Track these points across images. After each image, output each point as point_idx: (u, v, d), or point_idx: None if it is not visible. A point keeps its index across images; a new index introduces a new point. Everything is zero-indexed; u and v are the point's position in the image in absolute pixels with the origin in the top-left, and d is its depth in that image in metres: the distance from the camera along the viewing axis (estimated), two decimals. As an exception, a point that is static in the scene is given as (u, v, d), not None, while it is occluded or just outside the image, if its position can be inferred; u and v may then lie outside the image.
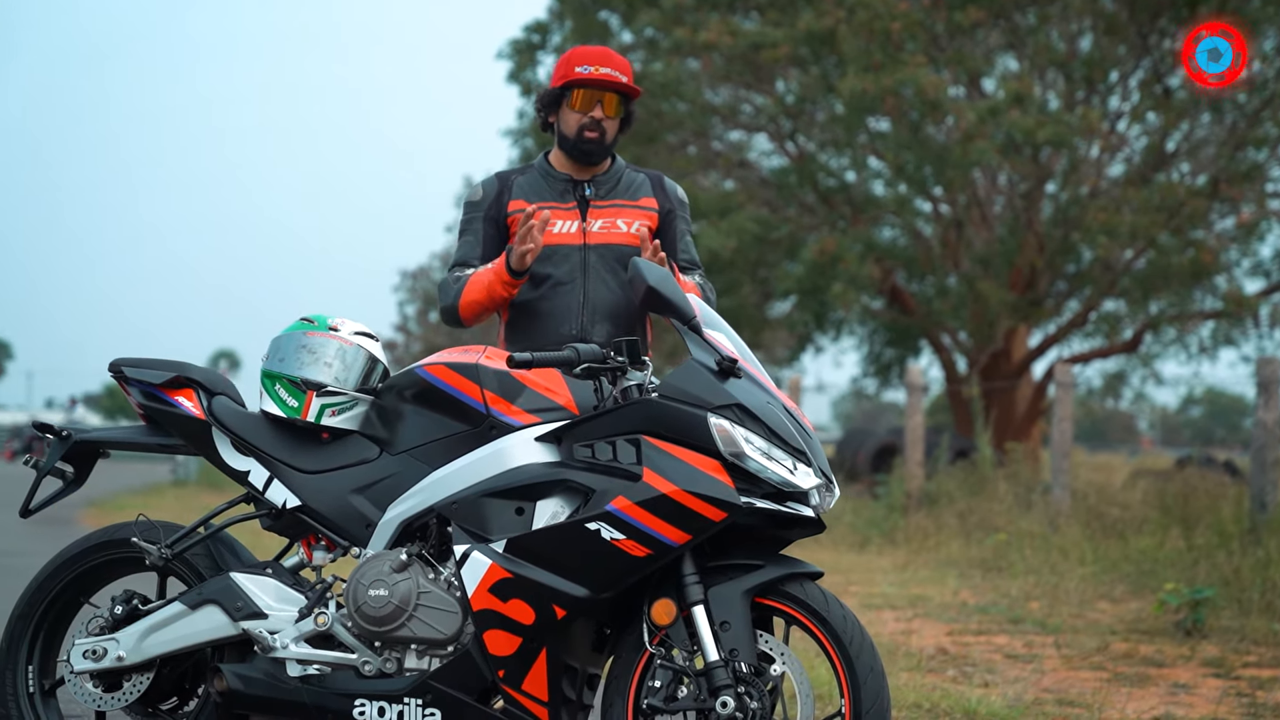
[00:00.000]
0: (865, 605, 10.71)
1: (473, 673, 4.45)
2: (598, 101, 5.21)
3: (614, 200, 5.30)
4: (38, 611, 4.91)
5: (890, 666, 7.87)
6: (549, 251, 5.18)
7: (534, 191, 5.28)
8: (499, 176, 5.36)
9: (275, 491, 4.76)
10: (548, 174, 5.31)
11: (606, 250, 5.22)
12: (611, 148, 5.29)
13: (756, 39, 21.07)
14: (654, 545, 4.31)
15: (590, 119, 5.20)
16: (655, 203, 5.35)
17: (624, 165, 5.41)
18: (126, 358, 4.92)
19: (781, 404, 4.51)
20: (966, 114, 19.77)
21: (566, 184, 5.29)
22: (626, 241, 5.24)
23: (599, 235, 5.24)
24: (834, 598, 4.42)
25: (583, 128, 5.21)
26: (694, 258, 5.44)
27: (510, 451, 4.51)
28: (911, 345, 25.13)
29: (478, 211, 5.31)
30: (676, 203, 5.40)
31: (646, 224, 5.29)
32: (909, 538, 14.72)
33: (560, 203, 5.26)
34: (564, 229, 5.22)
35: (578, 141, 5.24)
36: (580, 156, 5.26)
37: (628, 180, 5.36)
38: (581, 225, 5.24)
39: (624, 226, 5.26)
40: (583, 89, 5.21)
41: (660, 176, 5.45)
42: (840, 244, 20.23)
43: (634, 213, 5.29)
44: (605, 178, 5.32)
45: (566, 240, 5.21)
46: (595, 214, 5.26)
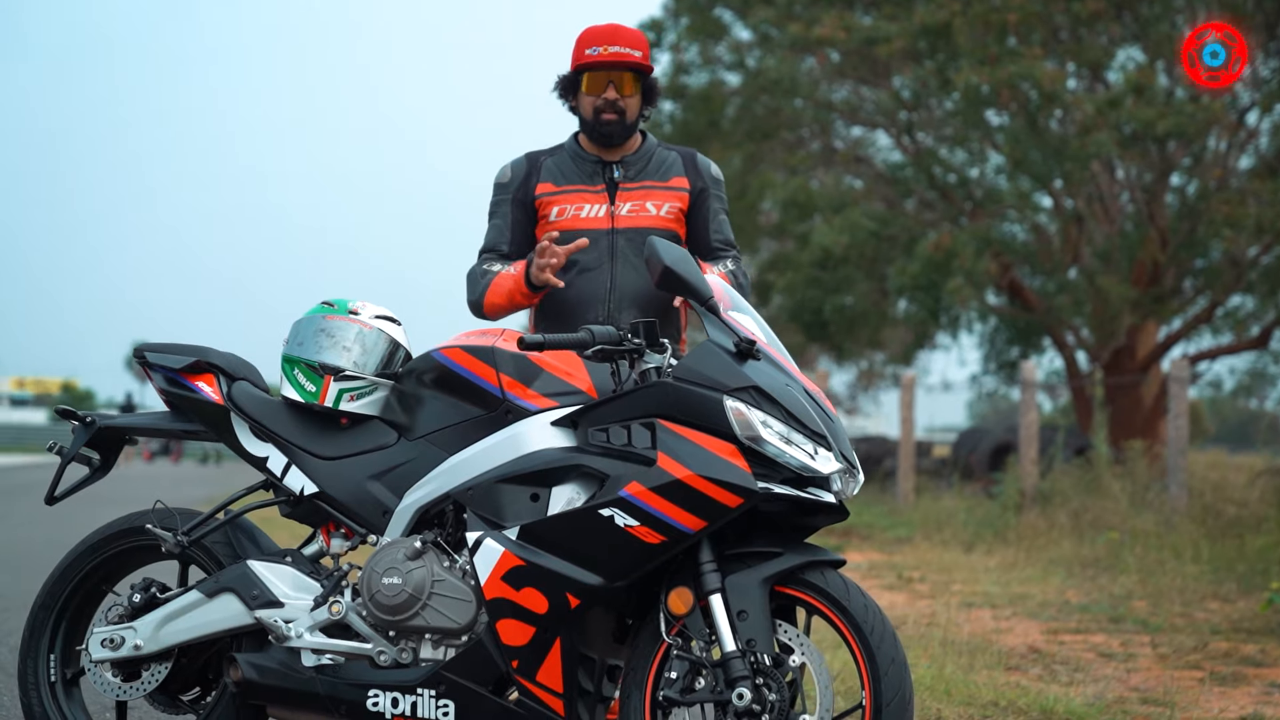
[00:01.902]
0: (964, 603, 10.52)
1: (486, 663, 4.35)
2: (610, 83, 5.09)
3: (644, 182, 5.18)
4: (59, 600, 4.88)
5: (971, 664, 7.69)
6: (577, 236, 5.05)
7: (562, 173, 5.18)
8: (528, 157, 5.26)
9: (293, 478, 4.69)
10: (577, 155, 5.21)
11: (635, 234, 5.10)
12: (634, 126, 5.17)
13: (871, 34, 20.81)
14: (669, 532, 4.19)
15: (605, 101, 5.09)
16: (686, 182, 5.22)
17: (655, 144, 5.28)
18: (150, 342, 4.90)
19: (802, 386, 4.37)
20: (1084, 106, 19.39)
21: (595, 165, 5.18)
22: (656, 225, 5.13)
23: (627, 219, 5.12)
24: (855, 586, 4.26)
25: (598, 110, 5.11)
26: (728, 238, 5.30)
27: (525, 436, 4.41)
28: (1034, 342, 24.68)
29: (506, 194, 5.22)
30: (710, 181, 5.26)
31: (678, 205, 5.16)
32: (1020, 537, 14.43)
33: (589, 185, 5.16)
34: (592, 213, 5.11)
35: (596, 124, 5.13)
36: (600, 139, 5.15)
37: (659, 160, 5.23)
38: (610, 209, 5.13)
39: (653, 209, 5.14)
40: (593, 72, 5.10)
41: (693, 154, 5.31)
42: (956, 239, 19.92)
43: (664, 194, 5.17)
44: (635, 158, 5.20)
45: (594, 225, 5.11)
46: (624, 197, 5.14)
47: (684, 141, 23.97)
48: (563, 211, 5.14)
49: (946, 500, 17.39)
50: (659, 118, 24.32)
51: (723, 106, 23.07)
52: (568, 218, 5.13)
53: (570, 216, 5.13)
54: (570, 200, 5.15)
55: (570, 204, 5.14)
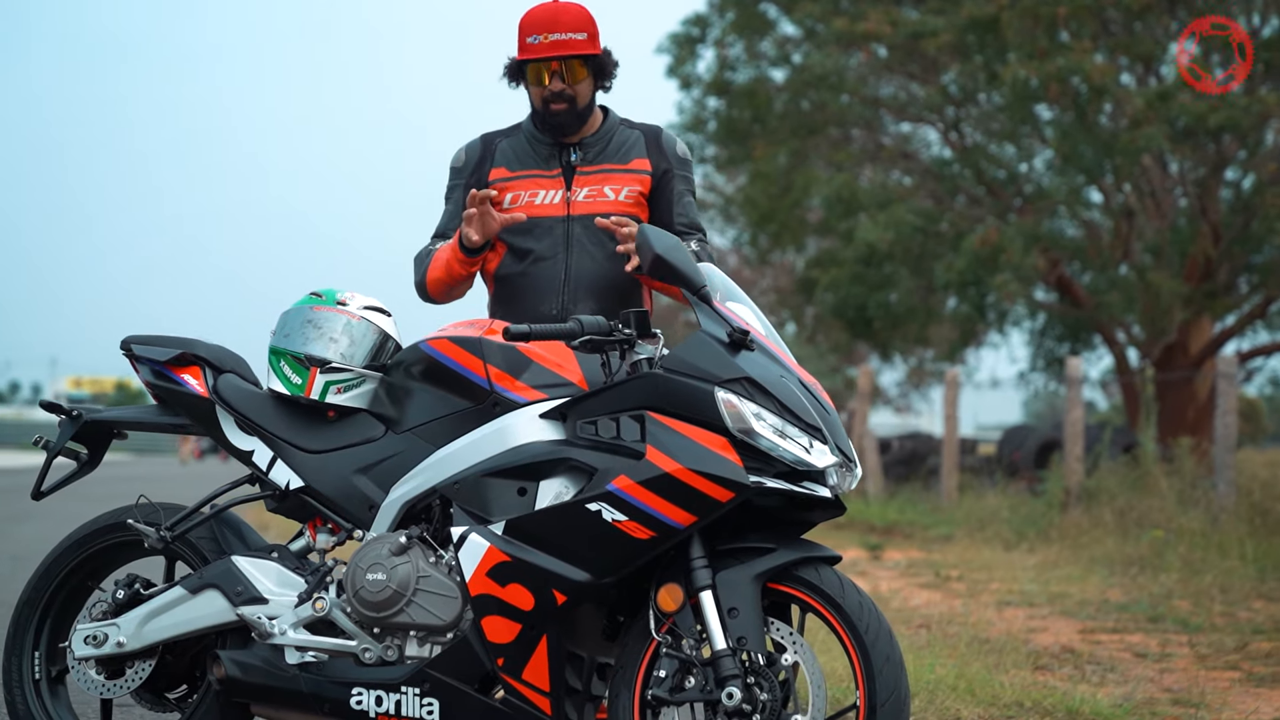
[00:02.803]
0: (1000, 602, 10.37)
1: (471, 661, 4.24)
2: (553, 73, 4.86)
3: (602, 165, 4.95)
4: (44, 597, 4.80)
5: (999, 663, 7.54)
6: (531, 224, 4.89)
7: (517, 157, 4.97)
8: (483, 140, 5.04)
9: (279, 472, 4.60)
10: (533, 137, 4.98)
11: (592, 221, 4.86)
12: (588, 111, 4.93)
13: (917, 28, 20.64)
14: (657, 527, 4.07)
15: (551, 91, 4.87)
16: (648, 163, 4.98)
17: (617, 121, 5.03)
18: (137, 335, 4.82)
19: (797, 378, 4.24)
20: (1134, 99, 19.15)
21: (552, 148, 4.95)
22: (615, 210, 4.90)
23: (584, 205, 4.90)
24: (850, 583, 4.13)
25: (546, 101, 4.88)
26: (693, 220, 5.07)
27: (513, 429, 4.30)
28: (1084, 339, 24.42)
29: (460, 179, 5.02)
30: (674, 160, 5.01)
31: (638, 189, 4.95)
32: (1063, 535, 14.25)
33: (544, 170, 4.94)
34: (547, 199, 4.90)
35: (545, 116, 4.90)
36: (553, 131, 4.92)
37: (620, 140, 4.99)
38: (566, 195, 4.91)
39: (611, 194, 4.92)
40: (535, 63, 4.87)
41: (658, 131, 5.05)
42: (1003, 235, 19.72)
43: (624, 178, 4.94)
44: (594, 139, 4.97)
45: (549, 212, 4.90)
46: (581, 181, 4.92)
47: (729, 139, 23.86)
48: (516, 198, 4.92)
49: (990, 498, 17.20)
50: (704, 114, 24.22)
51: (768, 103, 22.91)
52: (522, 204, 4.91)
53: (524, 204, 4.91)
54: (525, 186, 4.93)
55: (525, 190, 4.92)
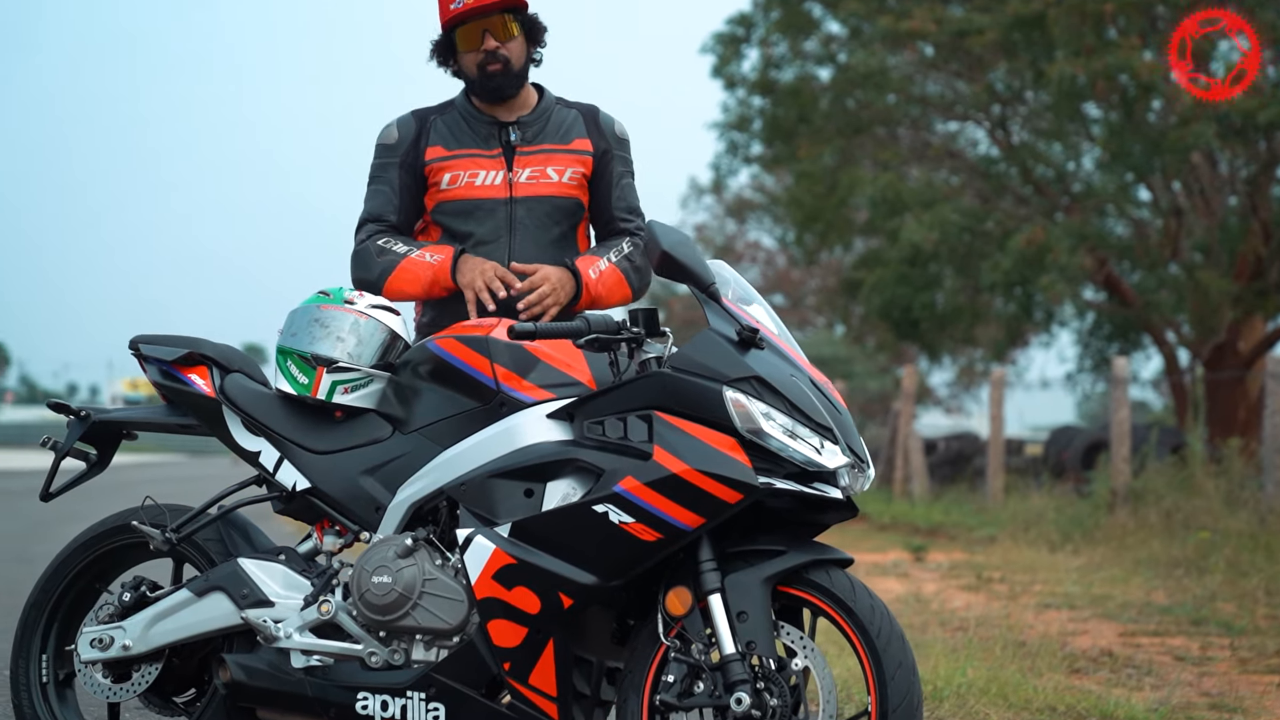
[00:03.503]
0: (1042, 604, 10.25)
1: (477, 665, 4.17)
2: (483, 31, 4.73)
3: (542, 145, 4.82)
4: (51, 599, 4.75)
5: (1034, 666, 7.43)
6: (471, 206, 4.77)
7: (454, 135, 4.83)
8: (415, 116, 4.89)
9: (285, 473, 4.53)
10: (470, 114, 4.85)
11: (535, 204, 4.77)
12: (524, 74, 4.81)
13: (963, 26, 20.48)
14: (665, 529, 3.99)
15: (485, 53, 4.74)
16: (589, 144, 4.87)
17: (554, 100, 4.92)
18: (145, 334, 4.77)
19: (808, 377, 4.16)
20: (1183, 96, 18.94)
21: (490, 127, 4.82)
22: (558, 193, 4.80)
23: (527, 186, 4.78)
24: (862, 586, 4.05)
25: (480, 65, 4.76)
26: (632, 204, 4.93)
27: (520, 430, 4.22)
28: (1132, 338, 24.19)
29: (393, 157, 4.86)
30: (614, 141, 4.90)
31: (581, 170, 4.83)
32: (1108, 536, 14.09)
33: (483, 149, 4.81)
34: (488, 180, 4.77)
35: (483, 80, 4.77)
36: (490, 95, 4.79)
37: (559, 119, 4.87)
38: (507, 175, 4.78)
39: (555, 175, 4.80)
40: (464, 25, 4.74)
41: (595, 110, 4.94)
42: (1050, 234, 19.55)
43: (566, 158, 4.83)
44: (532, 117, 4.85)
45: (490, 194, 4.77)
46: (522, 162, 4.79)
47: (775, 138, 23.74)
48: (455, 179, 4.79)
49: (1036, 499, 17.02)
50: (748, 113, 24.12)
51: (813, 102, 22.79)
52: (461, 185, 4.78)
53: (464, 184, 4.78)
54: (464, 166, 4.79)
55: (464, 170, 4.78)
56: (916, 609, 9.94)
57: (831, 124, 22.52)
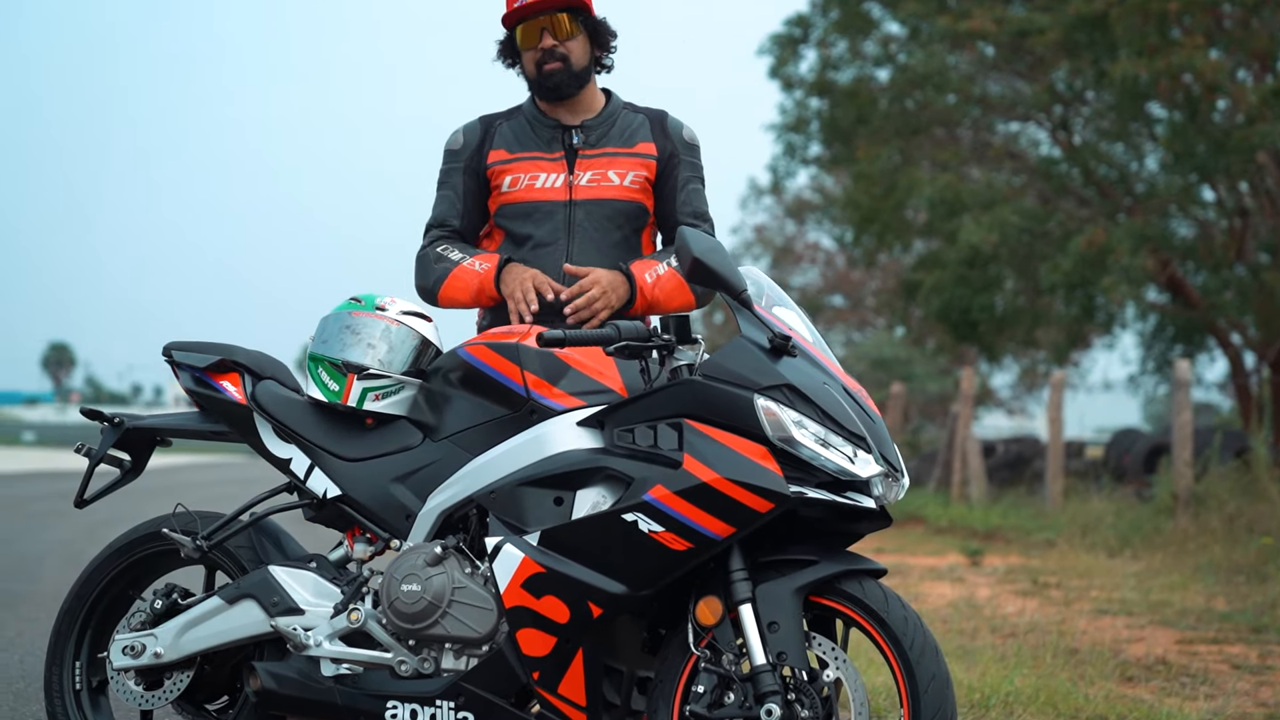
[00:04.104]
0: (1098, 610, 10.13)
1: (506, 674, 4.14)
2: (542, 30, 4.72)
3: (605, 148, 4.79)
4: (84, 606, 4.75)
5: (1086, 674, 7.34)
6: (531, 208, 4.74)
7: (517, 139, 4.82)
8: (482, 121, 4.89)
9: (316, 480, 4.51)
10: (535, 119, 4.84)
11: (595, 206, 4.73)
12: (585, 75, 4.78)
13: (1023, 25, 20.31)
14: (695, 538, 3.94)
15: (543, 51, 4.72)
16: (654, 147, 4.82)
17: (621, 105, 4.88)
18: (178, 340, 4.76)
19: (841, 385, 4.10)
20: (1249, 96, 18.72)
21: (554, 130, 4.81)
22: (619, 196, 4.75)
23: (587, 189, 4.74)
24: (895, 596, 3.98)
25: (540, 63, 4.74)
26: (698, 209, 4.87)
27: (550, 437, 4.19)
28: (1197, 340, 23.92)
29: (457, 162, 4.86)
30: (681, 145, 4.85)
31: (644, 174, 4.79)
32: (1169, 541, 13.93)
33: (545, 152, 4.79)
34: (548, 183, 4.74)
35: (541, 80, 4.76)
36: (549, 94, 4.76)
37: (624, 123, 4.84)
38: (568, 178, 4.75)
39: (616, 178, 4.76)
40: (523, 21, 4.73)
41: (663, 115, 4.89)
42: (1111, 235, 19.35)
43: (629, 161, 4.78)
44: (597, 121, 4.82)
45: (550, 196, 4.74)
46: (584, 165, 4.76)
47: (833, 139, 23.61)
48: (516, 181, 4.77)
49: (1095, 503, 16.86)
50: (806, 115, 24.01)
51: (872, 103, 22.66)
52: (521, 188, 4.76)
53: (524, 187, 4.76)
54: (524, 169, 4.77)
55: (524, 173, 4.77)
56: (968, 614, 9.84)
57: (890, 125, 22.39)
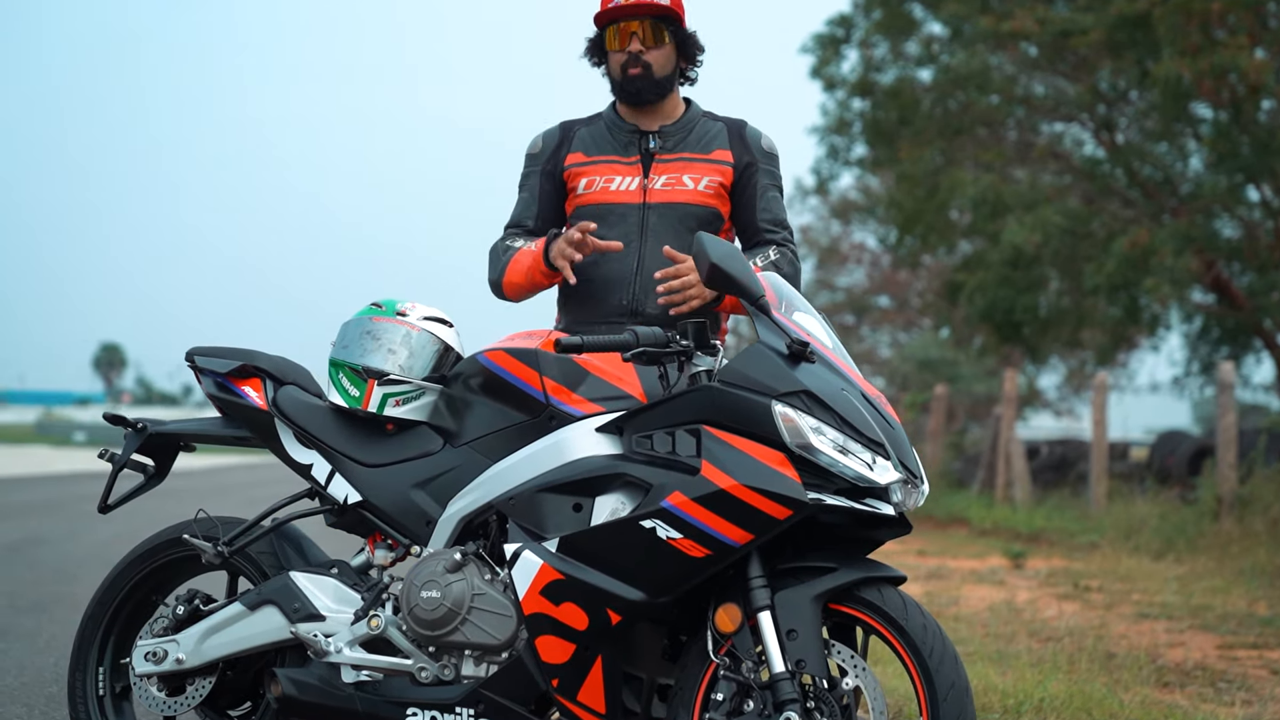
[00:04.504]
0: (1140, 614, 10.06)
1: (526, 681, 4.13)
2: (632, 34, 4.72)
3: (682, 153, 4.78)
4: (108, 612, 4.76)
5: (1124, 680, 7.28)
6: (605, 210, 4.73)
7: (595, 143, 4.82)
8: (562, 126, 4.91)
9: (337, 486, 4.51)
10: (614, 124, 4.84)
11: (669, 210, 4.70)
12: (667, 84, 4.78)
13: (1066, 26, 20.19)
14: (713, 545, 3.93)
15: (629, 54, 4.72)
16: (730, 155, 4.80)
17: (700, 112, 4.88)
18: (201, 346, 4.77)
19: (860, 391, 4.07)
20: (1291, 95, 18.59)
21: (631, 135, 4.81)
22: (693, 200, 4.73)
23: (661, 193, 4.72)
24: (915, 604, 3.96)
25: (624, 66, 4.74)
26: (777, 217, 4.84)
27: (569, 443, 4.18)
28: (1243, 341, 23.72)
29: (535, 165, 4.88)
30: (759, 154, 4.82)
31: (718, 179, 4.77)
32: (1212, 545, 13.82)
33: (622, 156, 4.78)
34: (623, 186, 4.74)
35: (623, 83, 4.76)
36: (629, 98, 4.77)
37: (702, 129, 4.83)
38: (642, 182, 4.74)
39: (690, 183, 4.74)
40: (612, 23, 4.74)
41: (742, 124, 4.87)
42: (1155, 236, 19.21)
43: (704, 167, 4.76)
44: (675, 127, 4.81)
45: (624, 199, 4.73)
46: (659, 169, 4.75)
47: (875, 140, 23.54)
48: (591, 184, 4.77)
49: (1140, 505, 16.74)
50: (848, 115, 23.94)
51: (914, 103, 22.58)
52: (596, 190, 4.76)
53: (599, 189, 4.76)
54: (600, 172, 4.78)
55: (600, 175, 4.77)
56: (1007, 618, 9.78)
57: (933, 126, 22.31)
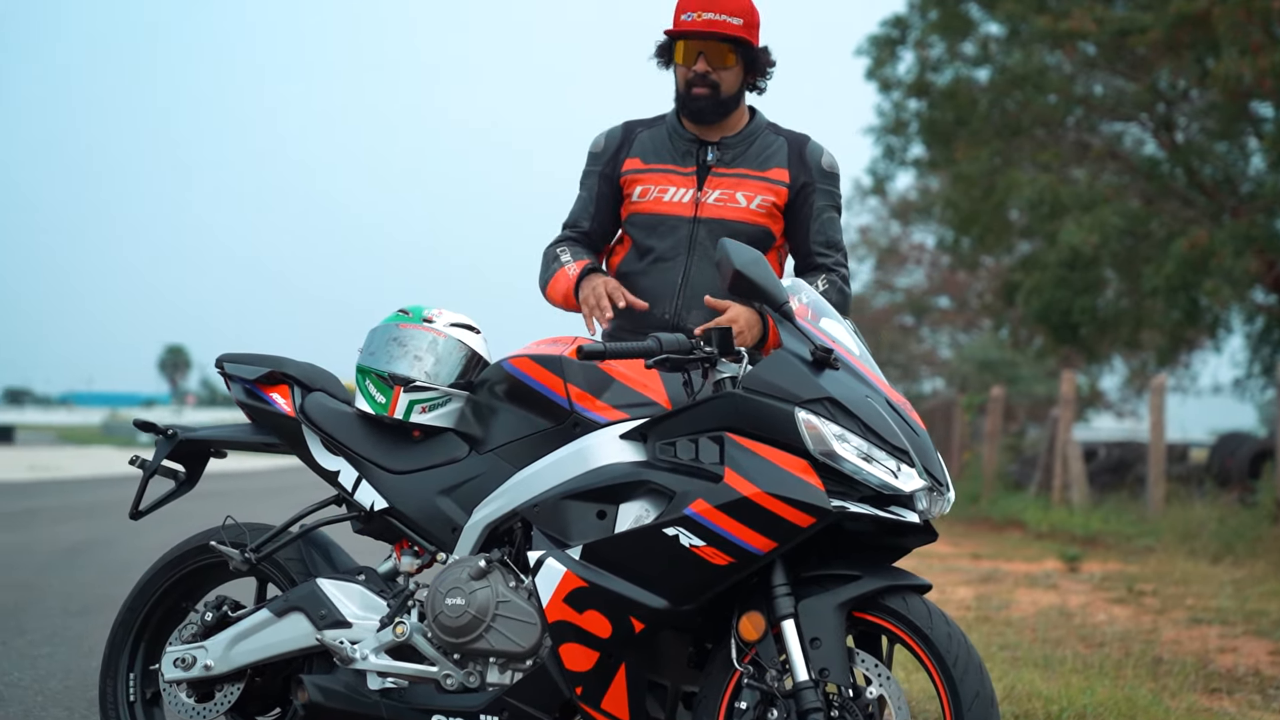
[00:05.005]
0: (1193, 619, 9.96)
1: (550, 689, 4.12)
2: (699, 54, 4.66)
3: (739, 168, 4.73)
4: (139, 618, 4.77)
5: (1172, 685, 7.20)
6: (656, 221, 4.70)
7: (654, 149, 4.78)
8: (625, 127, 4.87)
9: (364, 493, 4.51)
10: (675, 130, 4.80)
11: (719, 226, 4.65)
12: (732, 103, 4.72)
13: (1124, 25, 20.03)
14: (736, 553, 3.90)
15: (695, 74, 4.67)
16: (787, 174, 4.73)
17: (764, 125, 4.81)
18: (231, 353, 4.78)
19: (884, 398, 4.04)
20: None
21: (691, 144, 4.76)
22: (744, 219, 4.68)
23: (713, 208, 4.68)
24: (940, 613, 3.92)
25: (689, 84, 4.69)
26: (831, 239, 4.77)
27: (593, 450, 4.16)
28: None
29: (596, 165, 4.86)
30: (817, 174, 4.76)
31: (771, 199, 4.72)
32: (1271, 548, 13.68)
33: (679, 165, 4.75)
34: (676, 197, 4.70)
35: (686, 99, 4.72)
36: (692, 116, 4.73)
37: (762, 144, 4.77)
38: (696, 195, 4.70)
39: (743, 200, 4.69)
40: (684, 40, 4.69)
41: (804, 141, 4.80)
42: (1214, 237, 19.03)
43: (758, 185, 4.71)
44: (735, 140, 4.76)
45: (676, 210, 4.69)
46: (714, 183, 4.71)
47: (932, 141, 23.43)
48: (645, 192, 4.74)
49: (1198, 508, 16.59)
50: (904, 116, 23.84)
51: (971, 104, 22.45)
52: (650, 199, 4.73)
53: (653, 199, 4.72)
54: (655, 180, 4.74)
55: (655, 184, 4.74)
56: (1058, 623, 9.71)
57: (990, 126, 22.17)
